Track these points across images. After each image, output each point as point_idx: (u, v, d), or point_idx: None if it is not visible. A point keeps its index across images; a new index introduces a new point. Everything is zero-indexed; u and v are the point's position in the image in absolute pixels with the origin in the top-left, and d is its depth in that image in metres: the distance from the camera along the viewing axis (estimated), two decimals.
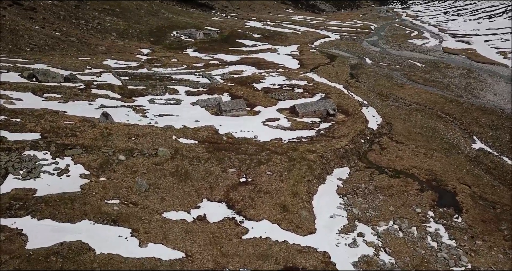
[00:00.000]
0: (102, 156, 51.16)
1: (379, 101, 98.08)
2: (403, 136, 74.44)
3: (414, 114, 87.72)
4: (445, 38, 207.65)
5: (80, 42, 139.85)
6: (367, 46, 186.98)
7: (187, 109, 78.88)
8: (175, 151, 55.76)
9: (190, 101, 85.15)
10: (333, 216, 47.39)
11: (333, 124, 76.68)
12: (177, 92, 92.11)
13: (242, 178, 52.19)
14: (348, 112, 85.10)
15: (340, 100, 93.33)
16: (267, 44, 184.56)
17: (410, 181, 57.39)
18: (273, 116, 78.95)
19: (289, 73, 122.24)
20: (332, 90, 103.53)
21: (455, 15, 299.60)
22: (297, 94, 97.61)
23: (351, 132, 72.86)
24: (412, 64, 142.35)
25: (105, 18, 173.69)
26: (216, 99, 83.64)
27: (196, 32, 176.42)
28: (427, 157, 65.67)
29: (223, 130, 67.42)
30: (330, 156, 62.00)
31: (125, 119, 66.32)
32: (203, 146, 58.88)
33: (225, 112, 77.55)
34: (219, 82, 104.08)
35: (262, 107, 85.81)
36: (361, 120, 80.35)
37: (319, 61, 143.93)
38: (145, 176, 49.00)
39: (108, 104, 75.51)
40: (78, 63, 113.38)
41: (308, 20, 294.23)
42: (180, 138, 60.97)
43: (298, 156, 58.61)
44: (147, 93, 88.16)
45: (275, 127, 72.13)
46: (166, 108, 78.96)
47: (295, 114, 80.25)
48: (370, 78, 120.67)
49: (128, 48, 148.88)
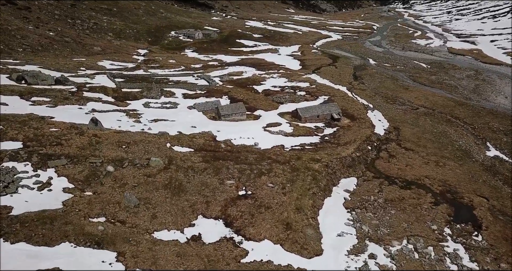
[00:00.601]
0: (89, 167, 46.97)
1: (385, 104, 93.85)
2: (412, 143, 70.22)
3: (423, 118, 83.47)
4: (450, 38, 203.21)
5: (75, 42, 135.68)
6: (370, 47, 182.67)
7: (183, 114, 74.68)
8: (169, 161, 51.57)
9: (187, 105, 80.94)
10: (341, 234, 43.19)
11: (338, 130, 72.45)
12: (173, 95, 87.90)
13: (241, 190, 48.01)
14: (353, 116, 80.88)
15: (344, 103, 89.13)
16: (268, 44, 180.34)
17: (422, 193, 53.20)
18: (275, 120, 74.75)
19: (290, 74, 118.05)
20: (335, 92, 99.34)
21: (458, 14, 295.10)
22: (299, 97, 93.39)
23: (357, 138, 68.64)
24: (418, 65, 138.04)
25: (101, 18, 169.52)
26: (215, 103, 79.46)
27: (195, 32, 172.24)
28: (439, 166, 61.46)
29: (221, 137, 63.22)
30: (336, 165, 57.80)
31: (116, 125, 62.10)
32: (200, 154, 54.69)
33: (224, 117, 73.37)
34: (217, 84, 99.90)
35: (263, 111, 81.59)
36: (367, 125, 76.12)
37: (321, 62, 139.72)
38: (135, 190, 44.83)
39: (100, 108, 71.31)
40: (72, 64, 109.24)
41: (309, 19, 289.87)
42: (175, 146, 56.79)
43: (302, 166, 54.40)
44: (142, 96, 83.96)
45: (277, 133, 67.94)
46: (161, 112, 74.75)
47: (298, 119, 76.05)
48: (374, 79, 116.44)
49: (124, 48, 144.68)
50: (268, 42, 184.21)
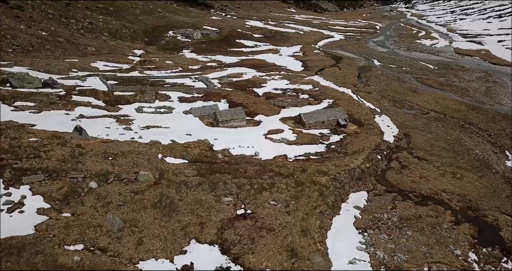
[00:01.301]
0: (69, 183, 41.87)
1: (392, 108, 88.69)
2: (425, 151, 65.06)
3: (434, 124, 78.30)
4: (455, 38, 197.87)
5: (68, 42, 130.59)
6: (374, 47, 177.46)
7: (178, 119, 69.54)
8: (160, 175, 46.47)
9: (183, 109, 75.79)
10: (353, 261, 38.05)
11: (345, 137, 67.26)
12: (169, 99, 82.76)
13: (240, 209, 42.90)
14: (360, 122, 75.71)
15: (350, 107, 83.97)
16: (268, 44, 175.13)
17: (441, 210, 48.05)
18: (276, 127, 69.57)
19: (292, 76, 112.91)
20: (340, 95, 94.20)
21: (463, 14, 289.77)
22: (302, 100, 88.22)
23: (366, 146, 63.50)
24: (424, 66, 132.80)
25: (97, 17, 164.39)
26: (212, 107, 74.32)
27: (193, 32, 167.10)
28: (456, 178, 56.30)
29: (218, 146, 58.05)
30: (345, 178, 52.65)
31: (104, 133, 56.92)
32: (194, 167, 49.55)
33: (222, 123, 68.22)
34: (216, 87, 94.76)
35: (264, 116, 76.44)
36: (375, 132, 70.96)
37: (324, 63, 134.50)
38: (120, 210, 39.73)
39: (89, 114, 66.23)
40: (63, 65, 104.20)
41: (310, 19, 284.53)
42: (167, 157, 51.65)
43: (307, 180, 49.26)
44: (135, 100, 78.82)
45: (279, 141, 62.76)
46: (155, 118, 69.64)
47: (301, 125, 70.90)
48: (380, 81, 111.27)
49: (120, 49, 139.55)
50: (268, 42, 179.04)
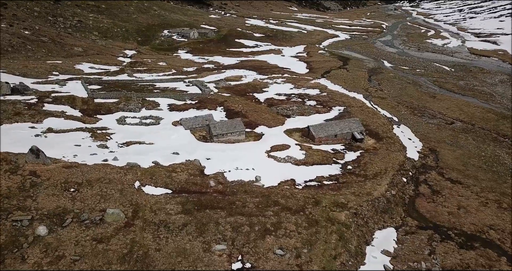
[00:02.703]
0: (10, 229, 31.62)
1: (411, 116, 78.27)
2: (458, 172, 54.62)
3: (463, 136, 67.88)
4: (467, 38, 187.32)
5: (53, 42, 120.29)
6: (382, 47, 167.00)
7: (166, 133, 59.23)
8: (134, 213, 36.17)
9: (172, 120, 65.51)
10: None
11: (362, 154, 56.80)
12: (157, 107, 72.45)
13: (236, 262, 32.63)
14: (377, 134, 65.30)
15: (364, 116, 73.62)
16: (270, 44, 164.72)
17: (493, 256, 37.68)
18: (281, 141, 59.18)
19: (296, 79, 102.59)
20: (351, 101, 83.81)
21: (472, 13, 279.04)
22: (309, 108, 77.83)
23: (389, 166, 53.09)
24: (440, 68, 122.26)
25: (87, 16, 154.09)
26: (206, 118, 63.96)
27: (190, 31, 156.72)
28: (503, 209, 45.88)
29: (211, 168, 47.67)
30: (368, 211, 42.29)
31: (71, 153, 46.60)
32: (179, 200, 39.22)
33: (217, 137, 57.88)
34: (212, 92, 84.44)
35: (266, 127, 66.11)
36: (397, 147, 60.54)
37: (330, 65, 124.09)
38: (75, 266, 29.40)
39: (59, 127, 55.96)
40: (43, 68, 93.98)
41: (313, 18, 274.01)
42: (146, 185, 41.34)
43: (323, 216, 38.89)
44: (117, 109, 68.58)
45: (285, 160, 52.36)
46: (138, 131, 59.33)
47: (310, 139, 60.52)
48: (394, 85, 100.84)
49: (109, 49, 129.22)
50: (270, 42, 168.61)
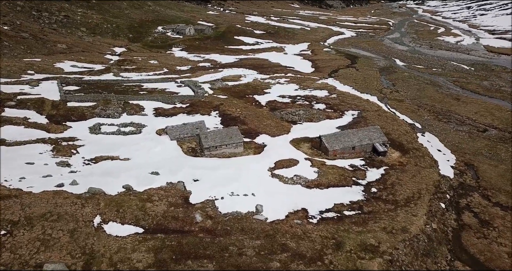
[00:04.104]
0: None
1: (436, 122, 67.73)
2: (506, 194, 44.02)
3: (502, 147, 57.20)
4: (481, 35, 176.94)
5: (34, 38, 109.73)
6: (391, 44, 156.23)
7: (147, 144, 48.68)
8: (85, 267, 25.63)
9: (157, 128, 54.98)
10: None
11: (388, 172, 46.18)
12: (141, 111, 61.94)
13: None
14: (401, 145, 54.69)
15: (383, 122, 63.10)
16: (271, 41, 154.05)
17: None
18: (287, 155, 48.54)
19: (302, 79, 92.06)
20: (365, 105, 73.27)
21: (481, 9, 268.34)
22: (318, 112, 67.25)
23: (422, 188, 42.53)
24: (458, 67, 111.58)
25: (75, 10, 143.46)
26: (197, 125, 53.37)
27: (186, 28, 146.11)
28: None
29: (198, 194, 37.07)
30: (406, 255, 31.73)
31: (18, 174, 36.06)
32: (152, 244, 28.71)
33: (208, 150, 47.35)
34: (206, 94, 73.93)
35: (268, 136, 55.57)
36: (427, 162, 49.95)
37: (338, 63, 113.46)
38: None
39: (15, 138, 45.52)
40: (18, 66, 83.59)
41: (316, 15, 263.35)
42: (109, 222, 30.85)
43: (348, 267, 28.33)
44: (93, 114, 58.06)
45: (293, 181, 41.76)
46: (113, 141, 48.80)
47: (323, 151, 49.96)
48: (410, 86, 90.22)
49: (97, 46, 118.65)
50: (271, 39, 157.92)
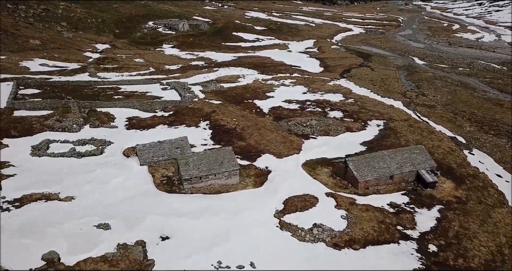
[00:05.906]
0: None
1: (483, 135, 53.96)
2: None
3: None
4: (501, 31, 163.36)
5: (5, 33, 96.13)
6: (405, 41, 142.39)
7: (105, 173, 34.89)
8: None
9: (126, 146, 41.23)
10: None
11: (445, 214, 32.21)
12: (109, 122, 48.25)
13: None
14: (451, 169, 40.81)
15: (417, 136, 49.45)
16: (274, 38, 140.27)
17: None
18: (300, 188, 34.69)
19: (310, 80, 78.39)
20: (390, 112, 59.57)
21: (494, 5, 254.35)
22: (335, 122, 53.40)
23: (503, 244, 28.80)
24: (488, 66, 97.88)
25: (57, 4, 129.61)
26: (177, 143, 39.57)
27: (179, 23, 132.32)
28: None
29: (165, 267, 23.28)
30: None
31: None
32: None
33: (190, 182, 33.57)
34: (196, 98, 60.26)
35: (273, 156, 41.81)
36: (494, 197, 36.11)
37: (349, 62, 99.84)
38: None
39: None
40: None
41: (321, 11, 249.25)
42: None
43: None
44: (43, 127, 44.37)
45: (313, 235, 27.81)
46: (58, 168, 35.01)
47: (348, 181, 36.12)
48: (438, 88, 76.48)
49: (77, 42, 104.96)
50: (274, 36, 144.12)
